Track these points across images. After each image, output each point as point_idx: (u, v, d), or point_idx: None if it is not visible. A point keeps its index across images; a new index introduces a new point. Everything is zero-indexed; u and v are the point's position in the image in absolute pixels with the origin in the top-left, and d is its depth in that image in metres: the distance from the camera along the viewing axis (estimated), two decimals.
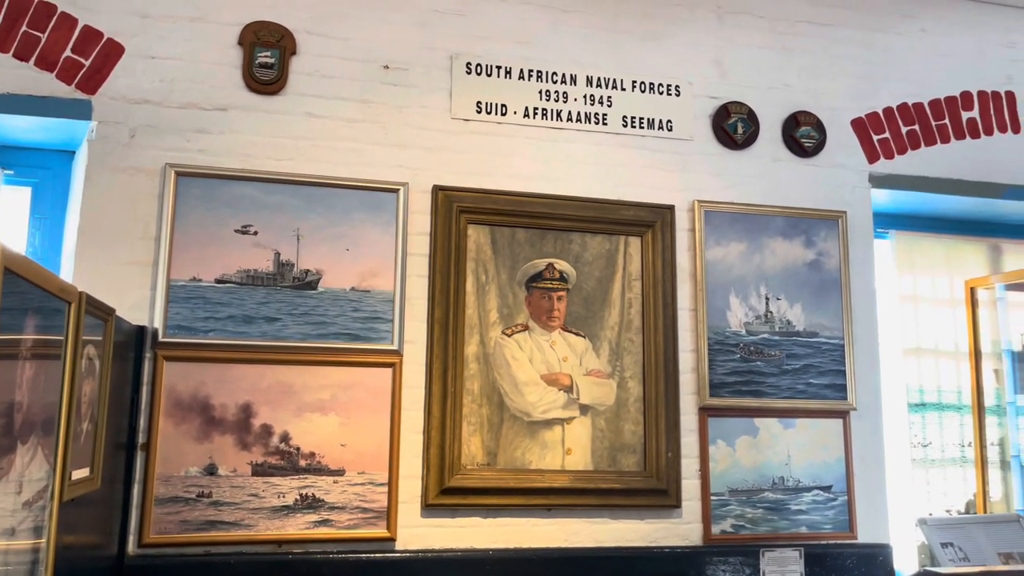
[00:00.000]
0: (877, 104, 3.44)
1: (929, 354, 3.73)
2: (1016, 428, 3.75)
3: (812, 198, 3.30)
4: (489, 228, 2.99)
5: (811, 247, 3.27)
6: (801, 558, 3.03)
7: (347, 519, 2.69)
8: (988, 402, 3.71)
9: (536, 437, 2.91)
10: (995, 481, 3.68)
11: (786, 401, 3.14)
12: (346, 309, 2.80)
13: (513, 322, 2.97)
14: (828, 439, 3.17)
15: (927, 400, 3.69)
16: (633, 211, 3.12)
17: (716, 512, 3.01)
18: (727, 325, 3.15)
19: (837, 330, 3.24)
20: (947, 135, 3.50)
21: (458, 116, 3.03)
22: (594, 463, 2.95)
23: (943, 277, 3.80)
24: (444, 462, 2.79)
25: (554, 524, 2.88)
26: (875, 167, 3.40)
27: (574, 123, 3.13)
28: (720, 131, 3.26)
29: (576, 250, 3.07)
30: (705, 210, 3.19)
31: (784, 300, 3.22)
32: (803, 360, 3.20)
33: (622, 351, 3.05)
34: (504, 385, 2.92)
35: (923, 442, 3.66)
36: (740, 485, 3.06)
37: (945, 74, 3.54)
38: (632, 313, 3.09)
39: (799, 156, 3.33)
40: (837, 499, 3.13)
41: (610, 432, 2.98)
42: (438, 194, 2.94)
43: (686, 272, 3.15)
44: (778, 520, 3.06)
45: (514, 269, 3.00)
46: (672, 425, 3.02)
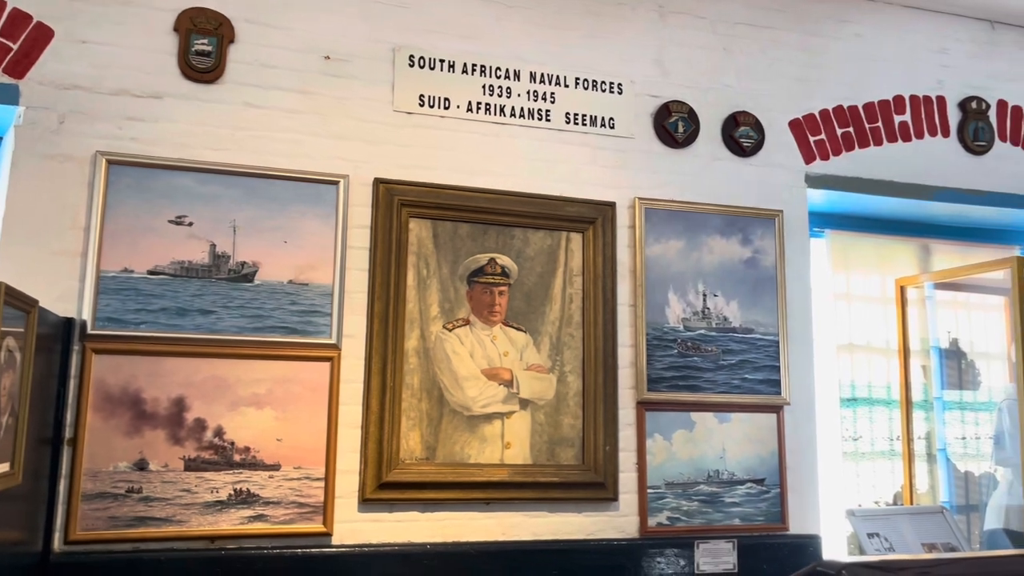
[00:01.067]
0: (814, 106, 3.53)
1: (861, 350, 3.84)
2: (942, 422, 3.89)
3: (750, 197, 3.37)
4: (431, 222, 2.99)
5: (748, 245, 3.34)
6: (734, 549, 3.10)
7: (282, 514, 2.66)
8: (916, 397, 3.84)
9: (476, 431, 2.92)
10: (922, 474, 3.81)
11: (722, 396, 3.20)
12: (283, 302, 2.77)
13: (454, 316, 2.97)
14: (762, 433, 3.24)
15: (858, 395, 3.81)
16: (575, 207, 3.15)
17: (652, 505, 3.06)
18: (665, 321, 3.20)
19: (772, 326, 3.31)
20: (880, 138, 3.60)
21: (400, 109, 3.01)
22: (533, 457, 2.97)
23: (875, 276, 3.91)
24: (382, 457, 2.78)
25: (492, 518, 2.89)
26: (811, 167, 3.48)
27: (517, 118, 3.14)
28: (661, 129, 3.30)
29: (518, 245, 3.08)
30: (645, 207, 3.23)
31: (721, 297, 3.28)
32: (739, 356, 3.26)
33: (562, 346, 3.08)
34: (444, 380, 2.92)
35: (854, 436, 3.77)
36: (676, 478, 3.11)
37: (879, 78, 3.64)
38: (573, 308, 3.11)
39: (738, 155, 3.39)
40: (770, 492, 3.21)
41: (549, 426, 3.01)
42: (379, 187, 2.92)
43: (626, 268, 3.19)
44: (713, 512, 3.12)
45: (456, 263, 3.00)
46: (610, 419, 3.05)
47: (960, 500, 3.84)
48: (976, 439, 3.89)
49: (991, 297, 3.98)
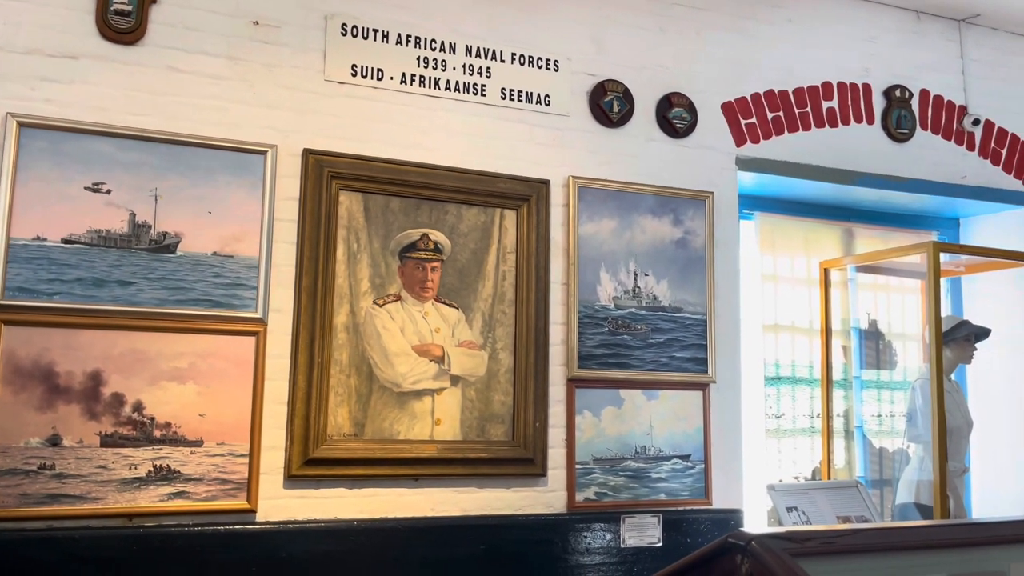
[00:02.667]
0: (746, 89, 3.58)
1: (785, 330, 3.95)
2: (860, 401, 4.04)
3: (682, 178, 3.41)
4: (362, 195, 2.94)
5: (679, 225, 3.38)
6: (659, 523, 3.17)
7: (204, 491, 2.60)
8: (836, 376, 3.97)
9: (405, 408, 2.90)
10: (839, 450, 3.95)
11: (650, 373, 3.25)
12: (207, 274, 2.69)
13: (385, 292, 2.94)
14: (689, 410, 3.31)
15: (782, 374, 3.92)
16: (509, 184, 3.13)
17: (580, 480, 3.10)
18: (597, 299, 3.23)
19: (701, 306, 3.37)
20: (809, 123, 3.69)
21: (332, 78, 2.95)
22: (463, 433, 2.97)
23: (801, 258, 4.02)
24: (309, 433, 2.74)
25: (421, 494, 2.89)
26: (742, 150, 3.54)
27: (452, 92, 3.10)
28: (596, 108, 3.31)
29: (452, 221, 3.06)
30: (579, 186, 3.24)
31: (652, 276, 3.32)
32: (668, 334, 3.32)
33: (495, 323, 3.08)
34: (374, 356, 2.89)
35: (777, 413, 3.88)
36: (604, 454, 3.16)
37: (809, 64, 3.71)
38: (506, 286, 3.11)
39: (671, 137, 3.42)
40: (695, 467, 3.28)
41: (480, 403, 3.01)
42: (309, 158, 2.86)
43: (559, 246, 3.20)
44: (639, 488, 3.18)
45: (387, 238, 2.96)
46: (541, 396, 3.07)
47: (875, 475, 4.00)
48: (891, 417, 4.06)
49: (909, 280, 4.13)
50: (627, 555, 3.09)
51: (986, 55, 4.10)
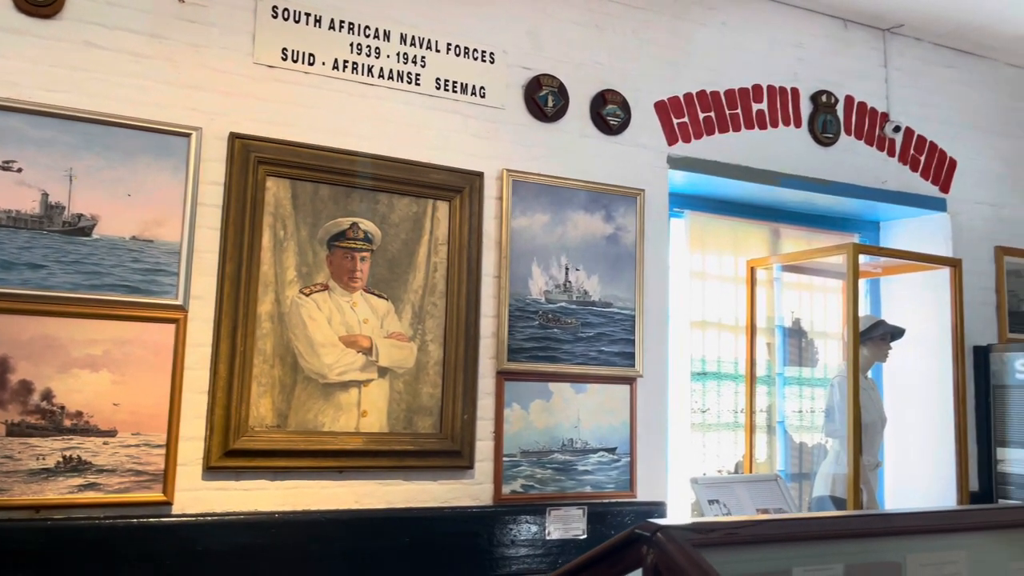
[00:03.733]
0: (678, 89, 3.63)
1: (713, 327, 4.03)
2: (782, 396, 4.15)
3: (614, 175, 3.44)
4: (290, 182, 2.88)
5: (611, 222, 3.42)
6: (584, 516, 3.20)
7: (118, 483, 2.52)
8: (760, 372, 4.07)
9: (331, 399, 2.87)
10: (761, 444, 4.06)
11: (579, 367, 3.28)
12: (125, 259, 2.60)
13: (312, 281, 2.89)
14: (616, 404, 3.35)
15: (708, 369, 4.00)
16: (442, 175, 3.12)
17: (508, 473, 3.11)
18: (528, 293, 3.24)
19: (630, 301, 3.42)
20: (739, 124, 3.76)
21: (261, 62, 2.88)
22: (390, 425, 2.95)
23: (729, 256, 4.11)
24: (230, 423, 2.68)
25: (345, 486, 2.85)
26: (673, 149, 3.60)
27: (386, 80, 3.06)
28: (531, 102, 3.32)
29: (383, 211, 3.03)
30: (513, 179, 3.24)
31: (583, 271, 3.35)
32: (597, 328, 3.35)
33: (425, 315, 3.06)
34: (299, 346, 2.84)
35: (702, 408, 3.96)
36: (532, 447, 3.17)
37: (740, 66, 3.79)
38: (437, 277, 3.09)
39: (605, 133, 3.45)
40: (621, 460, 3.33)
41: (408, 395, 2.99)
42: (235, 142, 2.79)
43: (492, 239, 3.19)
44: (565, 480, 3.21)
45: (316, 226, 2.91)
46: (470, 388, 3.07)
47: (794, 469, 4.12)
48: (811, 412, 4.18)
49: (831, 280, 4.26)
50: (552, 547, 3.12)
51: (908, 64, 4.25)
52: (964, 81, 4.41)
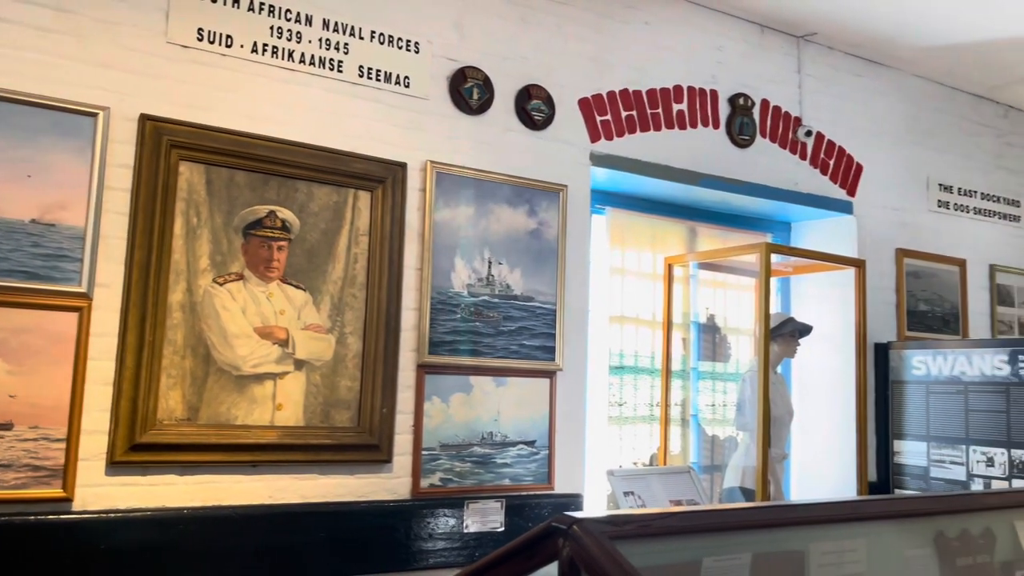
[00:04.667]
0: (602, 87, 3.68)
1: (631, 322, 4.11)
2: (696, 390, 4.27)
3: (538, 170, 3.46)
4: (204, 167, 2.78)
5: (533, 216, 3.44)
6: (503, 508, 3.22)
7: (13, 478, 2.39)
8: (676, 367, 4.17)
9: (245, 392, 2.79)
10: (675, 437, 4.16)
11: (501, 360, 3.29)
12: (24, 243, 2.46)
13: (226, 270, 2.80)
14: (536, 397, 3.38)
15: (626, 364, 4.07)
16: (364, 165, 3.07)
17: (426, 466, 3.10)
18: (451, 286, 3.22)
19: (552, 296, 3.44)
20: (660, 123, 3.84)
21: (175, 41, 2.77)
22: (306, 419, 2.89)
23: (647, 253, 4.18)
24: (136, 417, 2.58)
25: (259, 481, 2.79)
26: (596, 146, 3.64)
27: (307, 66, 2.99)
28: (456, 94, 3.30)
29: (302, 199, 2.96)
30: (437, 171, 3.22)
31: (505, 265, 3.36)
32: (519, 322, 3.36)
33: (344, 306, 3.01)
34: (212, 337, 2.75)
35: (619, 401, 4.03)
36: (451, 440, 3.17)
37: (661, 67, 3.86)
38: (357, 268, 3.05)
39: (529, 128, 3.47)
40: (539, 453, 3.36)
41: (325, 388, 2.94)
42: (146, 124, 2.67)
43: (414, 231, 3.16)
44: (484, 473, 3.22)
45: (231, 214, 2.82)
46: (389, 382, 3.04)
47: (707, 461, 4.24)
48: (723, 406, 4.31)
49: (744, 278, 4.39)
50: (469, 540, 3.12)
51: (820, 71, 4.41)
52: (871, 89, 4.62)
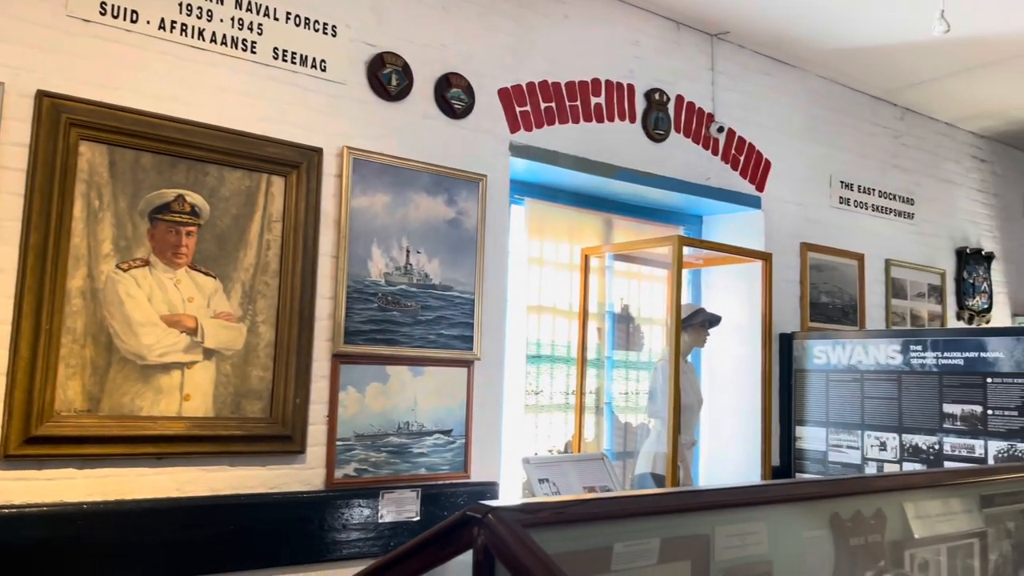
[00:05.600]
0: (522, 77, 3.69)
1: (548, 312, 4.15)
2: (610, 379, 4.35)
3: (457, 159, 3.45)
4: (107, 148, 2.66)
5: (452, 205, 3.43)
6: (418, 498, 3.21)
7: None
8: (591, 356, 4.24)
9: (150, 382, 2.69)
10: (590, 425, 4.24)
11: (418, 350, 3.28)
12: None
13: (131, 256, 2.69)
14: (453, 386, 3.38)
15: (543, 353, 4.12)
16: (278, 149, 2.99)
17: (341, 457, 3.06)
18: (367, 274, 3.19)
19: (470, 285, 3.45)
20: (578, 116, 3.88)
21: (76, 15, 2.63)
22: (215, 409, 2.81)
23: (565, 244, 4.23)
24: (32, 408, 2.46)
25: (165, 474, 2.70)
26: (515, 137, 3.65)
27: (218, 45, 2.90)
28: (375, 80, 3.25)
29: (212, 183, 2.87)
30: (354, 157, 3.17)
31: (424, 254, 3.34)
32: (437, 312, 3.36)
33: (256, 294, 2.93)
34: (115, 325, 2.64)
35: (536, 390, 4.08)
36: (367, 430, 3.14)
37: (581, 60, 3.90)
38: (270, 256, 2.98)
39: (449, 117, 3.45)
40: (456, 442, 3.36)
41: (236, 378, 2.86)
42: (43, 101, 2.53)
43: (330, 218, 3.11)
44: (400, 463, 3.20)
45: (136, 197, 2.71)
46: (303, 371, 2.98)
47: (619, 448, 4.34)
48: (636, 394, 4.42)
49: (657, 270, 4.50)
50: (384, 530, 3.11)
51: (732, 69, 4.55)
52: (779, 88, 4.79)
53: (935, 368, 3.94)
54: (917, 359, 4.01)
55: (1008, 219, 6.33)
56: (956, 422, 3.86)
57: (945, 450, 3.88)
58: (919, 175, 5.59)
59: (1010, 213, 6.37)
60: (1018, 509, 2.31)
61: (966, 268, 5.84)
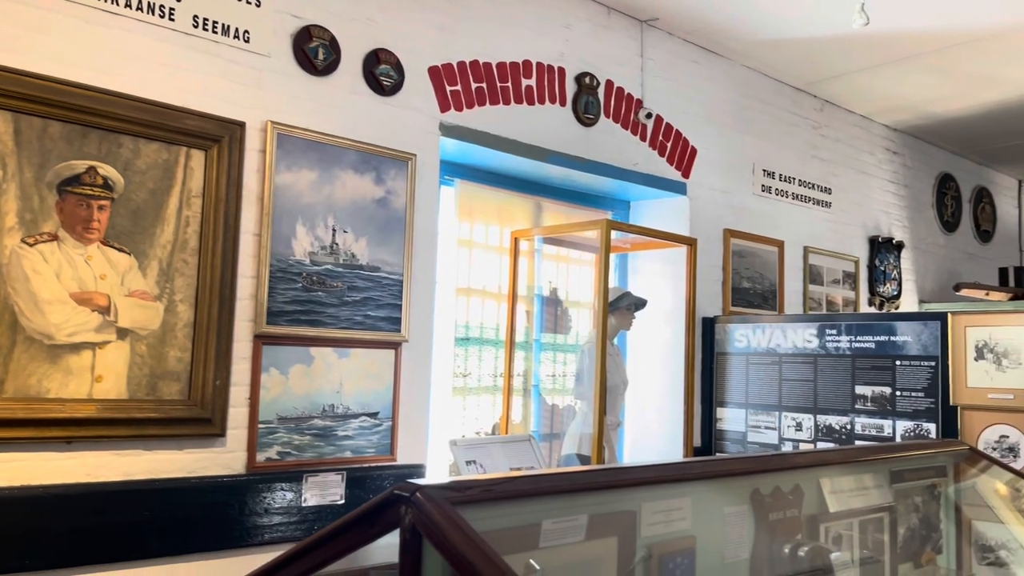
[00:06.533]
0: (452, 56, 3.64)
1: (477, 294, 4.14)
2: (538, 361, 4.37)
3: (386, 137, 3.39)
4: (12, 115, 2.51)
5: (381, 184, 3.37)
6: (343, 481, 3.16)
7: None
8: (519, 338, 4.25)
9: (59, 363, 2.56)
10: (517, 406, 4.25)
11: (344, 331, 3.22)
12: None
13: (38, 230, 2.55)
14: (380, 368, 3.33)
15: (471, 335, 4.10)
16: (198, 121, 2.88)
17: (263, 440, 2.99)
18: (292, 253, 3.11)
19: (398, 266, 3.40)
20: (509, 97, 3.86)
21: None
22: (130, 392, 2.70)
23: (495, 226, 4.22)
24: None
25: (75, 458, 2.58)
26: (446, 116, 3.61)
27: (133, 10, 2.76)
28: (300, 53, 3.16)
29: (127, 156, 2.74)
30: (279, 132, 3.08)
31: (351, 233, 3.28)
32: (364, 293, 3.30)
33: (174, 272, 2.82)
34: (20, 302, 2.50)
35: (464, 372, 4.06)
36: (290, 413, 3.07)
37: (512, 41, 3.88)
38: (189, 232, 2.86)
39: (377, 93, 3.38)
40: (382, 424, 3.32)
41: (152, 358, 2.75)
42: None
43: (253, 195, 3.02)
44: (325, 446, 3.15)
45: (44, 168, 2.57)
46: (223, 352, 2.89)
47: (546, 429, 4.37)
48: (563, 376, 4.45)
49: (586, 253, 4.54)
50: (308, 514, 3.05)
51: (661, 56, 4.60)
52: (706, 77, 4.87)
53: (848, 351, 4.10)
54: (832, 343, 4.16)
55: (917, 209, 6.63)
56: (867, 403, 4.02)
57: (856, 430, 4.04)
58: (836, 165, 5.78)
59: (919, 204, 6.67)
60: (923, 485, 2.42)
61: (878, 256, 6.08)
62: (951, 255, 6.98)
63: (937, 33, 4.57)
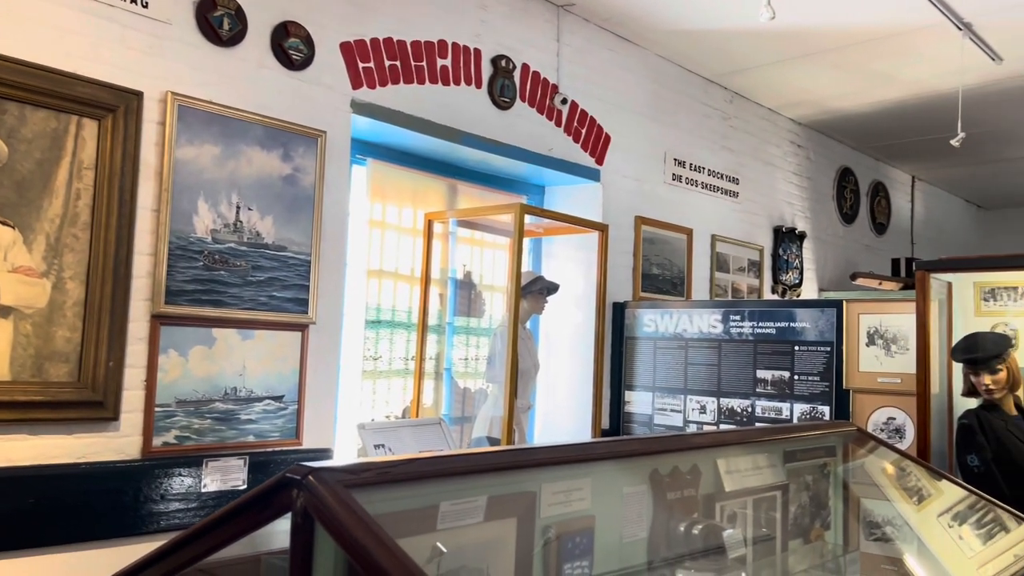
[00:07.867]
0: (366, 32, 3.56)
1: (389, 276, 4.08)
2: (451, 345, 4.36)
3: (294, 112, 3.29)
4: None
5: (288, 161, 3.27)
6: (246, 466, 3.08)
7: None
8: (432, 322, 4.22)
9: None
10: (429, 390, 4.23)
11: (248, 312, 3.12)
12: None
13: None
14: (286, 351, 3.25)
15: (383, 318, 4.05)
16: (91, 89, 2.72)
17: (160, 424, 2.87)
18: (192, 231, 2.99)
19: (306, 246, 3.32)
20: (423, 77, 3.80)
21: None
22: (13, 373, 2.55)
23: (408, 208, 4.17)
24: None
25: None
26: (358, 94, 3.53)
27: None
28: (204, 22, 3.03)
29: (11, 123, 2.57)
30: (179, 104, 2.95)
31: (256, 211, 3.17)
32: (269, 273, 3.21)
33: (63, 248, 2.67)
34: None
35: (375, 355, 4.01)
36: (190, 396, 2.96)
37: (428, 19, 3.82)
38: (80, 206, 2.72)
39: (286, 67, 3.28)
40: (288, 408, 3.25)
41: (38, 338, 2.60)
42: None
43: (151, 168, 2.88)
44: (226, 430, 3.05)
45: None
46: (117, 332, 2.76)
47: (457, 412, 4.36)
48: (476, 360, 4.45)
49: (500, 237, 4.53)
50: (208, 499, 2.96)
51: (577, 42, 4.62)
52: (621, 65, 4.92)
53: (751, 337, 4.24)
54: (736, 328, 4.29)
55: (819, 201, 6.90)
56: (767, 387, 4.18)
57: (757, 412, 4.19)
58: (744, 156, 5.96)
59: (820, 196, 6.94)
60: (815, 465, 2.53)
61: (781, 245, 6.31)
62: (849, 246, 7.31)
63: (840, 31, 4.74)
